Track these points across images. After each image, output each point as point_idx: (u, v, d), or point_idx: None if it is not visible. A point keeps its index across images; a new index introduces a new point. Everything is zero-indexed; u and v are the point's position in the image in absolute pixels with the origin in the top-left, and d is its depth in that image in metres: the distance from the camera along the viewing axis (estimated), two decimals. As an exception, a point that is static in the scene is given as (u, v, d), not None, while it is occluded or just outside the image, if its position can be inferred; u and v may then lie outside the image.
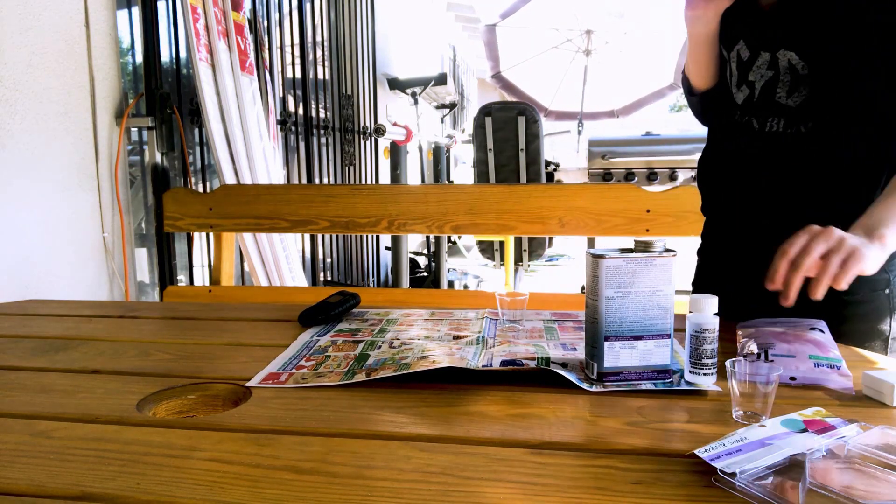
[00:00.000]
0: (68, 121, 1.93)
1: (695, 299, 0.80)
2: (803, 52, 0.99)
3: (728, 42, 1.10)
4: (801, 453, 0.60)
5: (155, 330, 1.19)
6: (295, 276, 2.74)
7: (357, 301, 1.24)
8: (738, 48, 1.08)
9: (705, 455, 0.59)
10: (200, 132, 2.49)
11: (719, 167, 1.17)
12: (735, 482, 0.56)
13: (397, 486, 0.59)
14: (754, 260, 0.98)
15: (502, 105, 3.91)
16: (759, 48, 1.05)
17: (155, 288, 2.42)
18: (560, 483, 0.60)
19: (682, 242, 1.42)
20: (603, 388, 0.82)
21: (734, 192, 1.13)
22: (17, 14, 1.75)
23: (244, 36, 2.53)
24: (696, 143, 3.96)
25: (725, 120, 1.14)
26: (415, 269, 4.74)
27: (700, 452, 0.60)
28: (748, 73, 1.07)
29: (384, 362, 0.91)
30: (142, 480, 0.61)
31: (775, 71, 1.03)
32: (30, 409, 0.79)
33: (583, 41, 6.15)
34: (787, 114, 1.03)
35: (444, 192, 1.75)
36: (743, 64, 1.08)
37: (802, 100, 1.01)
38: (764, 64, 1.04)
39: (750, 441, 0.62)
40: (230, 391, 0.85)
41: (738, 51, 1.08)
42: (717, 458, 0.59)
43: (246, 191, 1.91)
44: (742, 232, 1.13)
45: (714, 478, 0.58)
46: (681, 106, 23.98)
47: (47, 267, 1.87)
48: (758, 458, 0.59)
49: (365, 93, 4.34)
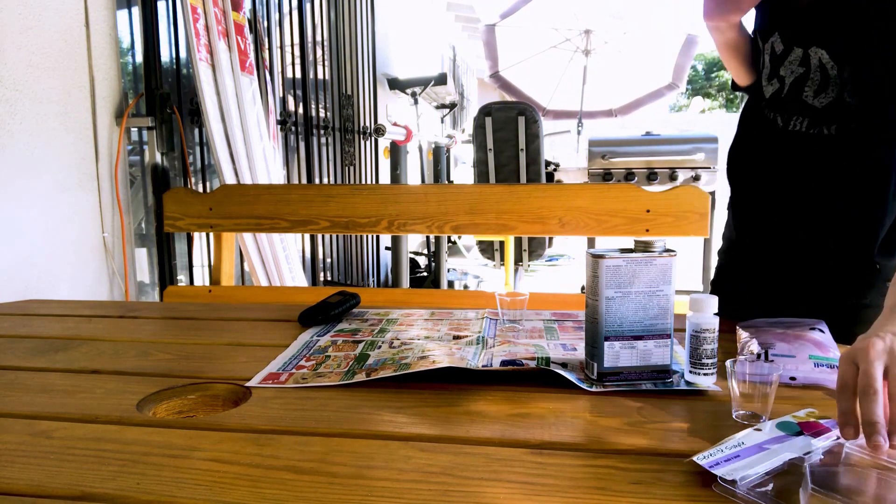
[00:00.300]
0: (68, 121, 1.93)
1: (695, 299, 0.80)
2: (834, 52, 0.98)
3: (764, 34, 1.09)
4: (800, 457, 0.60)
5: (155, 330, 1.19)
6: (295, 276, 2.74)
7: (357, 301, 1.24)
8: (772, 41, 1.07)
9: (704, 462, 0.59)
10: (200, 132, 2.49)
11: (745, 163, 1.16)
12: (736, 490, 0.56)
13: (397, 486, 0.59)
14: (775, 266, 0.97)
15: (502, 105, 3.90)
16: (792, 43, 1.03)
17: (155, 288, 2.42)
18: (560, 483, 0.60)
19: (682, 242, 1.42)
20: (603, 388, 0.82)
21: (757, 191, 1.13)
22: (17, 14, 1.75)
23: (244, 36, 2.52)
24: (696, 142, 3.95)
25: (753, 113, 1.13)
26: (415, 269, 4.74)
27: (699, 460, 0.60)
28: (780, 67, 1.06)
29: (384, 362, 0.91)
30: (142, 480, 0.61)
31: (806, 68, 1.02)
32: (30, 409, 0.79)
33: (582, 41, 6.15)
34: (811, 114, 1.02)
35: (444, 192, 1.75)
36: (776, 57, 1.06)
37: (829, 101, 1.00)
38: (796, 59, 1.03)
39: (748, 446, 0.62)
40: (230, 391, 0.85)
41: (773, 43, 1.07)
42: (716, 465, 0.59)
43: (246, 191, 1.90)
44: (765, 235, 1.12)
45: (714, 485, 0.58)
46: (681, 106, 24.00)
47: (47, 267, 1.87)
48: (756, 463, 0.59)
49: (365, 93, 4.34)
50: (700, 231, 1.54)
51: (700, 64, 23.54)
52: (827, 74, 1.00)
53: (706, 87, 23.88)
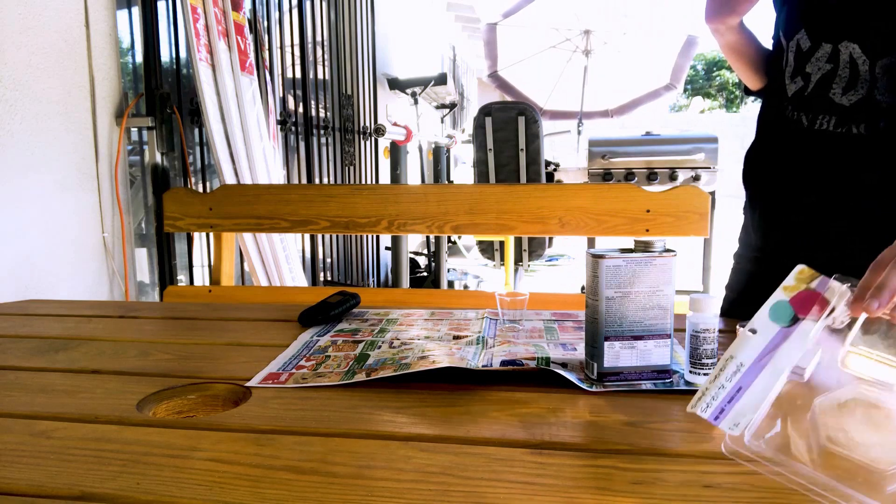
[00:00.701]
0: (68, 121, 1.93)
1: (695, 299, 0.80)
2: (867, 46, 0.94)
3: (789, 31, 1.05)
4: (801, 368, 0.55)
5: (155, 330, 1.19)
6: (295, 276, 2.74)
7: (357, 301, 1.24)
8: (798, 37, 1.03)
9: (706, 414, 0.54)
10: (200, 132, 2.49)
11: (768, 165, 1.13)
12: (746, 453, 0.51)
13: (397, 486, 0.59)
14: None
15: (502, 105, 3.90)
16: (820, 39, 0.99)
17: (155, 288, 2.42)
18: (560, 483, 0.60)
19: (682, 242, 1.42)
20: (603, 388, 0.82)
21: (782, 192, 1.10)
22: (17, 14, 1.75)
23: (244, 36, 2.53)
24: (696, 142, 3.96)
25: (773, 114, 1.10)
26: (415, 269, 4.74)
27: (700, 412, 0.55)
28: (806, 64, 1.02)
29: (384, 362, 0.91)
30: (142, 480, 0.61)
31: (834, 64, 0.98)
32: (30, 409, 0.79)
33: (581, 41, 6.15)
34: (839, 112, 0.99)
35: (444, 192, 1.75)
36: (802, 54, 1.03)
37: (858, 99, 0.97)
38: (824, 56, 0.99)
39: (747, 368, 0.57)
40: (230, 391, 0.85)
41: (798, 40, 1.03)
42: (721, 414, 0.53)
43: (246, 191, 1.90)
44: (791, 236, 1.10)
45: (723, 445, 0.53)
46: (680, 106, 24.02)
47: (47, 267, 1.87)
48: (758, 395, 0.53)
49: (365, 93, 4.34)
50: (700, 231, 1.54)
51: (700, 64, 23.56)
52: (857, 71, 0.96)
53: (706, 87, 23.88)
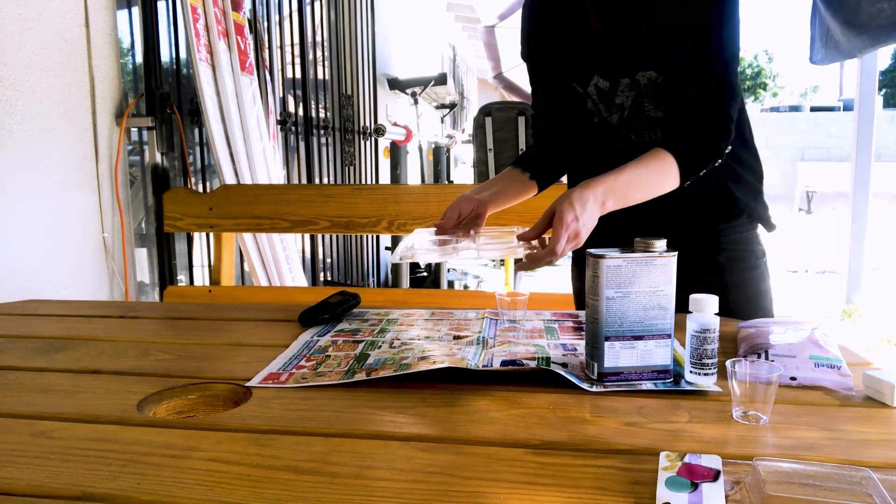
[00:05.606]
0: (68, 121, 1.93)
1: (695, 299, 0.80)
2: (660, 68, 1.07)
3: (582, 79, 1.15)
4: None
5: (155, 330, 1.19)
6: (295, 276, 2.74)
7: (357, 301, 1.24)
8: (594, 83, 1.14)
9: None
10: (200, 132, 2.49)
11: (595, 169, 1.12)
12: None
13: (397, 486, 0.60)
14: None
15: (502, 105, 3.91)
16: (617, 76, 1.11)
17: (155, 288, 2.42)
18: (560, 483, 0.60)
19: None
20: (603, 388, 0.82)
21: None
22: (17, 14, 1.75)
23: (244, 36, 2.53)
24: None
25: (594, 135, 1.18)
26: (415, 269, 4.74)
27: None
28: (614, 98, 1.13)
29: (384, 362, 0.91)
30: (142, 480, 0.61)
31: (637, 91, 1.10)
32: (30, 409, 0.79)
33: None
34: (661, 123, 1.10)
35: (444, 192, 1.75)
36: (605, 93, 1.13)
37: (668, 108, 1.09)
38: (626, 87, 1.10)
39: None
40: (230, 391, 0.85)
41: (596, 84, 1.14)
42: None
43: (246, 191, 1.91)
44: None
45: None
46: (681, 106, 23.96)
47: (47, 267, 1.87)
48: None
49: (365, 93, 4.34)
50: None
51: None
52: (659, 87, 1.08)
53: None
